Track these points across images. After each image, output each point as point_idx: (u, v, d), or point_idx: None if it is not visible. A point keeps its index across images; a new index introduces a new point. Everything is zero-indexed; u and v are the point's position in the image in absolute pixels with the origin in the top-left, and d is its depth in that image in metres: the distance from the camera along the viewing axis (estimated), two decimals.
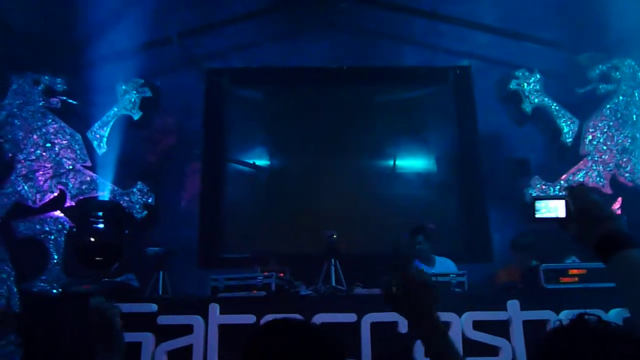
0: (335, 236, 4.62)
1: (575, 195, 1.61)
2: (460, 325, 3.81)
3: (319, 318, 3.83)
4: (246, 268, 4.84)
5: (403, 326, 3.82)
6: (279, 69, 6.40)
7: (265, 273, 4.44)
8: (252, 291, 4.22)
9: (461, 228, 6.24)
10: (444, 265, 5.25)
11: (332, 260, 4.59)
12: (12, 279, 5.60)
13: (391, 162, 6.49)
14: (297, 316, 3.73)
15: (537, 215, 1.70)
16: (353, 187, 6.25)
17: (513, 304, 3.85)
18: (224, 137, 6.50)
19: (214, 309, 3.95)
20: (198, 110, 6.31)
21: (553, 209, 1.66)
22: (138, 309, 3.99)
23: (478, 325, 3.81)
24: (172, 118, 6.23)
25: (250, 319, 3.88)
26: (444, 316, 3.86)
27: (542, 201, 1.69)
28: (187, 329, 3.90)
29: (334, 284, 4.45)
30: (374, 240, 5.94)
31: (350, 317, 3.89)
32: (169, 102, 6.22)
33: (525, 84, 6.07)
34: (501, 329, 3.81)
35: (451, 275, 4.37)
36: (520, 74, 6.10)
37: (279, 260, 4.97)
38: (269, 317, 3.82)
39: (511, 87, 6.11)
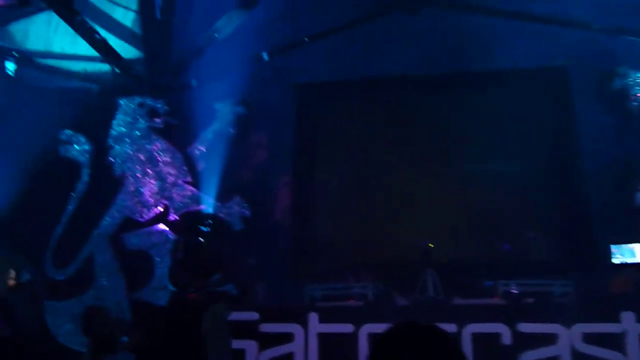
0: (431, 245, 4.57)
1: None
2: (568, 338, 3.63)
3: None
4: (340, 279, 4.90)
5: (506, 337, 3.71)
6: (366, 80, 6.42)
7: (361, 283, 4.48)
8: (350, 301, 4.26)
9: (563, 234, 5.93)
10: None
11: (429, 269, 4.54)
12: (122, 287, 6.01)
13: (485, 168, 6.29)
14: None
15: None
16: (448, 194, 6.11)
17: (628, 316, 3.62)
18: (315, 151, 6.61)
19: (313, 318, 4.03)
20: (289, 125, 6.47)
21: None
22: (241, 317, 4.16)
23: (589, 339, 3.62)
24: (264, 134, 6.44)
25: (348, 327, 3.92)
26: (548, 327, 3.71)
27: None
28: (288, 337, 4.01)
29: (431, 293, 4.39)
30: (471, 248, 5.79)
31: (450, 328, 3.82)
32: (262, 119, 6.42)
33: (630, 81, 5.71)
34: (615, 342, 3.59)
35: (554, 284, 4.18)
36: (624, 71, 5.75)
37: (374, 271, 4.99)
38: (367, 327, 3.86)
39: (614, 85, 5.76)
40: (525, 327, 3.72)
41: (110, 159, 6.14)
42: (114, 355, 5.59)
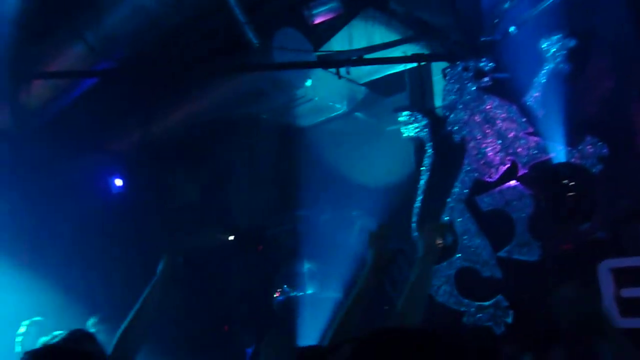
0: None
1: None
2: None
3: None
4: None
5: None
6: None
7: None
8: None
9: None
10: None
11: None
12: (487, 247, 6.16)
13: None
14: None
15: None
16: None
17: None
18: None
19: None
20: (634, 42, 5.59)
21: None
22: (631, 263, 3.79)
23: None
24: (605, 59, 5.72)
25: None
26: None
27: None
28: None
29: None
30: None
31: None
32: (599, 44, 5.72)
33: None
34: None
35: None
36: None
37: None
38: None
39: None
40: None
41: (448, 128, 6.36)
42: None
